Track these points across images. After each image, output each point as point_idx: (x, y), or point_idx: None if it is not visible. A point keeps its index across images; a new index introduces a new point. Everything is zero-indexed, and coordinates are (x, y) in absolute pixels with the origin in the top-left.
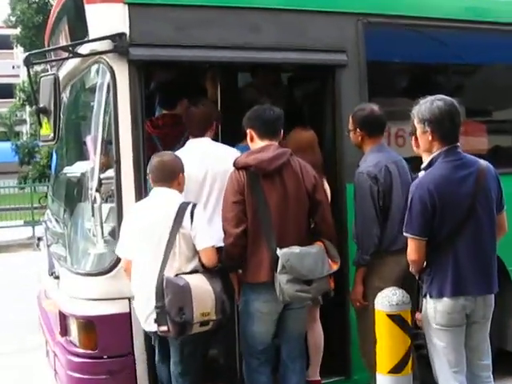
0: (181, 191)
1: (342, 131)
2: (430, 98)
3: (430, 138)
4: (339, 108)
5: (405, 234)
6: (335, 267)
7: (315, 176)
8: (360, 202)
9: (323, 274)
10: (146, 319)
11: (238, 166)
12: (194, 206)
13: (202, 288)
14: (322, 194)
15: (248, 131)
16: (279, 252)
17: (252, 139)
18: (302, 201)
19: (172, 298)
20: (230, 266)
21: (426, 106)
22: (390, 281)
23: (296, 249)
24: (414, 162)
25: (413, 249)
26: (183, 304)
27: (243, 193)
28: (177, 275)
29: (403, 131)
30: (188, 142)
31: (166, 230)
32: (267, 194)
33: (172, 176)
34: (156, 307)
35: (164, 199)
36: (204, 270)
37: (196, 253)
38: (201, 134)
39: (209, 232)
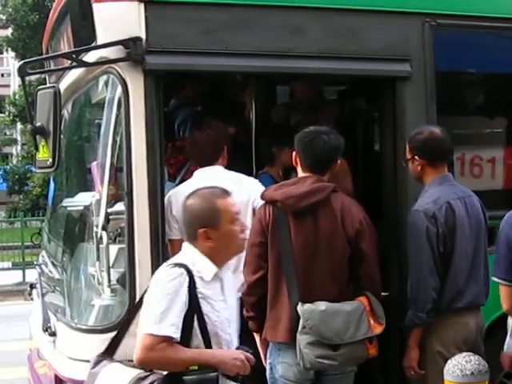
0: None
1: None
2: None
3: None
4: (401, 130)
5: (493, 277)
6: (378, 330)
7: (362, 221)
8: (415, 247)
9: (355, 338)
10: None
11: (264, 200)
12: None
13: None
14: (367, 242)
15: (294, 153)
16: (300, 308)
17: (296, 164)
18: (338, 248)
19: None
20: (250, 319)
21: None
22: (453, 346)
23: (322, 305)
24: (495, 197)
25: (503, 296)
26: None
27: (265, 233)
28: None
29: (480, 159)
30: (196, 172)
31: None
32: (294, 237)
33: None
34: None
35: None
36: None
37: None
38: (209, 164)
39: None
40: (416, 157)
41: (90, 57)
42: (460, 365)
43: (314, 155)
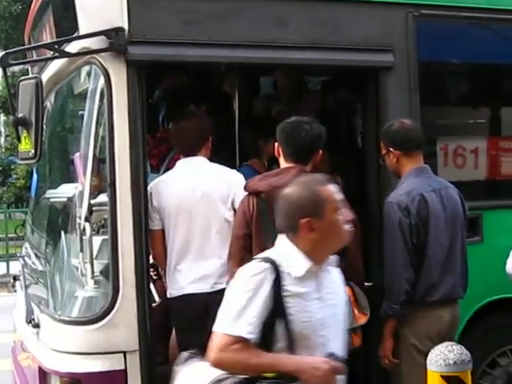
0: None
1: None
2: None
3: None
4: (384, 120)
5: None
6: (362, 320)
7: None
8: (389, 239)
9: None
10: None
11: (248, 191)
12: None
13: None
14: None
15: (276, 144)
16: None
17: (279, 154)
18: None
19: None
20: None
21: None
22: (427, 338)
23: None
24: (478, 188)
25: None
26: None
27: (249, 225)
28: None
29: (463, 149)
30: (179, 162)
31: None
32: None
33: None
34: None
35: None
36: None
37: None
38: (193, 153)
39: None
40: (391, 149)
41: (73, 47)
42: (443, 354)
43: (296, 145)
